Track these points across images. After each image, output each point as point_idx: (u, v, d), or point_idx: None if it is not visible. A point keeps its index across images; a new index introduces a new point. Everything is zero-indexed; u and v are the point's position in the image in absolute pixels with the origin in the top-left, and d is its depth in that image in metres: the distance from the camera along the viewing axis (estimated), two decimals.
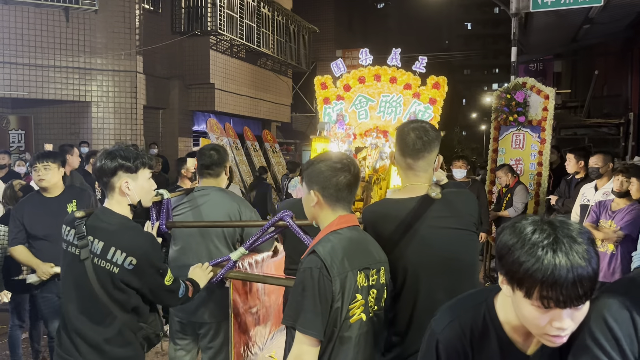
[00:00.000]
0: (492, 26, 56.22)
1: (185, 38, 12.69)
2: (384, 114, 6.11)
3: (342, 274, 1.68)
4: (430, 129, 2.05)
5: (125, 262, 2.03)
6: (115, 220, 2.12)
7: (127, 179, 2.13)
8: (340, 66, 6.46)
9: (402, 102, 6.04)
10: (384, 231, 2.00)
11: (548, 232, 1.15)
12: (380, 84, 6.15)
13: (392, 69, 6.10)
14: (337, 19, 23.46)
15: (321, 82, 6.53)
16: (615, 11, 9.11)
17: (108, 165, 2.09)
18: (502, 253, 1.22)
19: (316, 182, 1.83)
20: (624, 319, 1.18)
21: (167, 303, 2.26)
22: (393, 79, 6.02)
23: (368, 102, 6.22)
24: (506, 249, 1.20)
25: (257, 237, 2.57)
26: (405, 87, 6.01)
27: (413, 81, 6.00)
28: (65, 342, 2.13)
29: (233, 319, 2.80)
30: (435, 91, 5.95)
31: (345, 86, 6.35)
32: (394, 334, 2.00)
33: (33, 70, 10.39)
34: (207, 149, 3.08)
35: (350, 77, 6.36)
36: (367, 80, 6.23)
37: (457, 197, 2.07)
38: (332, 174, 1.80)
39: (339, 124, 6.03)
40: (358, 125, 6.17)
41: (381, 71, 6.15)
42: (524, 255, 1.15)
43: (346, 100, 6.36)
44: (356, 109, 6.29)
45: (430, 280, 1.94)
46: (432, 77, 5.99)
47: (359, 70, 6.31)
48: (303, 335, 1.64)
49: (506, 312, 1.31)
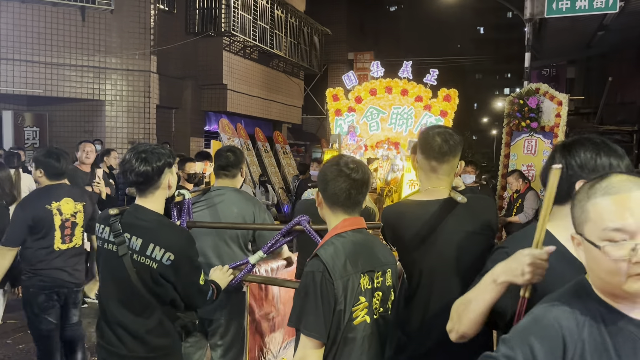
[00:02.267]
0: (504, 31, 55.93)
1: (199, 39, 12.79)
2: (395, 125, 6.14)
3: (344, 276, 1.72)
4: (455, 133, 2.11)
5: (163, 258, 2.11)
6: (152, 217, 2.19)
7: (169, 174, 2.24)
8: (352, 78, 6.49)
9: (414, 114, 6.06)
10: (403, 232, 2.03)
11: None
12: (392, 96, 6.18)
13: (404, 81, 6.14)
14: (350, 21, 23.47)
15: (333, 94, 6.56)
16: (631, 18, 9.06)
17: (159, 166, 2.17)
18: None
19: (319, 184, 1.89)
20: None
21: (195, 303, 2.31)
22: (404, 91, 6.05)
23: (379, 114, 6.26)
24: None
25: (275, 240, 2.62)
26: (417, 99, 6.04)
27: (424, 93, 6.02)
28: (108, 334, 2.21)
29: (249, 323, 2.84)
30: (446, 104, 5.96)
31: (357, 98, 6.39)
32: (406, 334, 2.03)
33: (49, 68, 10.53)
34: (224, 150, 3.15)
35: (361, 89, 6.40)
36: (379, 92, 6.27)
37: (478, 202, 2.10)
38: (332, 177, 1.83)
39: (350, 136, 6.07)
40: (369, 137, 6.20)
41: (392, 83, 6.18)
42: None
43: (357, 112, 6.39)
44: (367, 121, 6.33)
45: (445, 283, 1.97)
46: (443, 90, 6.02)
47: (370, 83, 6.37)
48: (307, 337, 1.69)
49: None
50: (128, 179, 2.19)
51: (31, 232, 3.38)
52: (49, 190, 3.48)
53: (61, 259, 3.47)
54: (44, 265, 3.42)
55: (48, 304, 3.46)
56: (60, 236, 3.46)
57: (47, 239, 3.41)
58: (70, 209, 3.50)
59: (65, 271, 3.49)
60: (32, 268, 3.42)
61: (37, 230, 3.39)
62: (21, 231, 3.36)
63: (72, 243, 3.53)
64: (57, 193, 3.48)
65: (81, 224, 3.58)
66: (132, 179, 2.17)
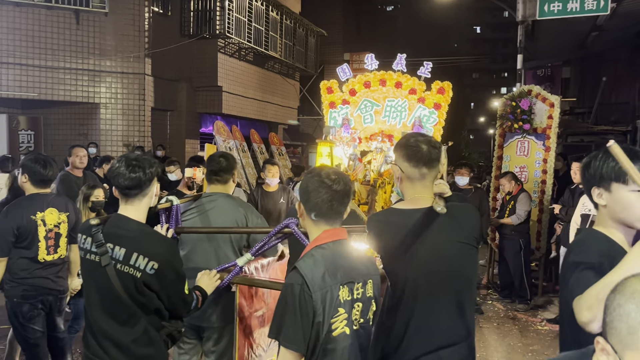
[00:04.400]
0: (501, 30, 55.97)
1: (194, 41, 12.80)
2: (389, 118, 6.12)
3: (323, 289, 1.74)
4: (433, 139, 2.13)
5: (147, 267, 2.11)
6: (134, 226, 2.20)
7: (156, 184, 2.29)
8: (347, 71, 6.47)
9: (407, 107, 6.04)
10: (387, 240, 2.05)
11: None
12: (386, 89, 6.15)
13: (398, 74, 6.11)
14: (346, 22, 23.50)
15: (327, 86, 6.55)
16: (624, 19, 9.11)
17: (151, 172, 2.21)
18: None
19: (301, 194, 1.91)
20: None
21: (179, 311, 2.32)
22: (398, 84, 6.02)
23: (373, 106, 6.23)
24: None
25: (264, 243, 2.65)
26: (411, 92, 6.02)
27: (418, 86, 6.00)
28: (93, 344, 2.21)
29: (238, 322, 2.85)
30: (440, 96, 5.95)
31: (351, 90, 6.37)
32: (389, 343, 2.04)
33: (43, 71, 10.53)
34: (217, 155, 3.16)
35: (356, 81, 6.37)
36: (373, 84, 6.24)
37: (461, 210, 2.11)
38: (313, 188, 1.85)
39: (344, 128, 6.06)
40: (363, 129, 6.18)
41: (386, 76, 6.16)
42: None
43: (352, 104, 6.37)
44: (362, 113, 6.30)
45: (429, 292, 1.99)
46: (437, 83, 5.99)
47: (365, 75, 6.33)
48: (286, 349, 1.72)
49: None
50: (118, 184, 2.18)
51: (15, 242, 3.37)
52: (33, 200, 3.46)
53: (44, 269, 3.47)
54: (26, 275, 3.42)
55: (33, 312, 3.45)
56: (45, 247, 3.45)
57: (31, 250, 3.40)
58: (54, 219, 3.49)
59: (49, 279, 3.49)
60: (16, 277, 3.41)
61: (21, 240, 3.38)
62: (7, 240, 3.35)
63: (57, 254, 3.53)
64: (42, 203, 3.46)
65: (65, 234, 3.57)
66: (123, 183, 2.17)
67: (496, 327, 5.87)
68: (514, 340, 5.44)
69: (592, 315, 1.41)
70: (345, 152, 5.96)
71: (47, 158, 3.52)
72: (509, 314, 6.32)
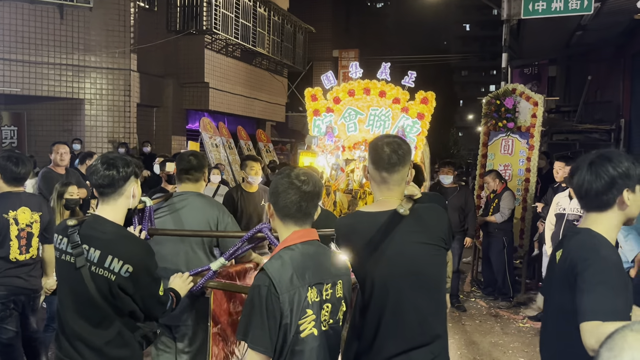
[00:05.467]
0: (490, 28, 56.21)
1: (180, 37, 12.70)
2: (372, 127, 6.12)
3: (290, 290, 1.74)
4: (403, 143, 2.11)
5: (122, 270, 2.09)
6: (110, 228, 2.17)
7: (135, 183, 2.24)
8: (331, 79, 6.48)
9: (391, 116, 6.06)
10: (354, 244, 2.05)
11: None
12: (370, 98, 6.16)
13: (382, 83, 6.13)
14: (334, 19, 23.47)
15: (311, 93, 6.54)
16: (608, 19, 9.17)
17: (126, 171, 2.17)
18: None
19: (270, 195, 1.90)
20: None
21: (155, 313, 2.31)
22: (382, 93, 6.03)
23: (357, 115, 6.24)
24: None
25: (237, 248, 2.63)
26: (394, 101, 6.03)
27: (402, 95, 6.02)
28: (65, 346, 2.18)
29: (212, 327, 2.83)
30: (423, 106, 5.96)
31: (335, 99, 6.37)
32: (361, 344, 2.05)
33: (27, 66, 10.40)
34: (187, 154, 3.12)
35: (340, 89, 6.39)
36: (357, 93, 6.25)
37: (428, 212, 2.11)
38: (283, 189, 1.85)
39: (328, 136, 6.05)
40: (347, 137, 6.19)
41: (371, 85, 6.17)
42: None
43: (336, 112, 6.37)
44: (345, 122, 6.31)
45: (397, 293, 1.99)
46: (420, 93, 6.00)
47: (349, 84, 6.35)
48: (253, 351, 1.72)
49: None
50: (93, 182, 2.16)
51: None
52: (6, 198, 3.41)
53: (16, 268, 3.43)
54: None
55: (5, 312, 3.41)
56: (18, 246, 3.41)
57: (3, 249, 3.36)
58: (26, 218, 3.44)
59: (21, 278, 3.45)
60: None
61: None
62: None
63: (29, 254, 3.49)
64: (14, 201, 3.41)
65: (37, 234, 3.53)
66: (97, 181, 2.15)
67: (478, 324, 5.91)
68: (495, 338, 5.48)
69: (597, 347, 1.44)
70: (328, 161, 5.95)
71: (20, 155, 3.47)
72: (492, 312, 6.37)
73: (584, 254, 1.73)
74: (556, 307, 1.87)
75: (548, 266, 2.07)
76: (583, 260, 1.71)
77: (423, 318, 2.00)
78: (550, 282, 1.95)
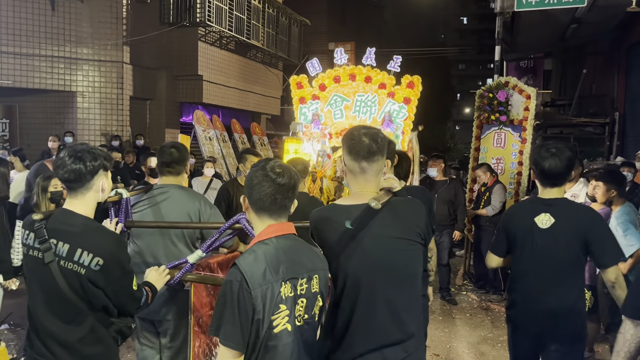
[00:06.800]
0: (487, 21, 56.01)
1: (174, 29, 12.60)
2: (359, 113, 6.11)
3: (263, 285, 1.71)
4: (380, 132, 2.08)
5: (92, 263, 2.03)
6: (78, 221, 2.11)
7: (104, 177, 2.18)
8: (316, 66, 6.46)
9: (377, 102, 6.03)
10: (328, 237, 2.02)
11: None
12: (355, 84, 6.14)
13: (367, 68, 6.09)
14: (330, 11, 23.33)
15: (297, 81, 6.52)
16: (602, 12, 9.13)
17: (93, 165, 2.10)
18: None
19: (245, 188, 1.87)
20: None
21: (128, 308, 2.24)
22: (368, 79, 6.01)
23: (343, 101, 6.22)
24: None
25: (214, 239, 2.57)
26: (380, 86, 6.01)
27: (388, 80, 5.99)
28: (37, 344, 2.13)
29: (193, 321, 2.80)
30: (409, 90, 5.94)
31: (321, 86, 6.35)
32: (334, 339, 2.02)
33: (18, 59, 10.31)
34: (168, 146, 3.06)
35: (325, 76, 6.36)
36: (343, 79, 6.22)
37: (405, 206, 2.08)
38: (257, 182, 1.82)
39: (314, 124, 6.03)
40: (334, 124, 6.17)
41: (356, 70, 6.14)
42: None
43: (322, 99, 6.35)
44: (332, 109, 6.29)
45: (369, 288, 1.95)
46: (406, 77, 5.98)
47: (334, 70, 6.31)
48: (225, 347, 1.69)
49: None
50: (60, 176, 2.10)
51: None
52: None
53: None
54: None
55: None
56: None
57: None
58: None
59: None
60: None
61: None
62: None
63: None
64: None
65: None
66: (63, 176, 2.08)
67: (469, 317, 5.91)
68: (485, 331, 5.48)
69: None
70: (314, 148, 5.93)
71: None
72: (483, 305, 6.37)
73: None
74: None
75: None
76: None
77: (396, 314, 1.96)
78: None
